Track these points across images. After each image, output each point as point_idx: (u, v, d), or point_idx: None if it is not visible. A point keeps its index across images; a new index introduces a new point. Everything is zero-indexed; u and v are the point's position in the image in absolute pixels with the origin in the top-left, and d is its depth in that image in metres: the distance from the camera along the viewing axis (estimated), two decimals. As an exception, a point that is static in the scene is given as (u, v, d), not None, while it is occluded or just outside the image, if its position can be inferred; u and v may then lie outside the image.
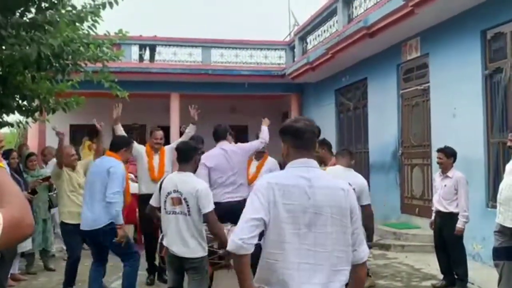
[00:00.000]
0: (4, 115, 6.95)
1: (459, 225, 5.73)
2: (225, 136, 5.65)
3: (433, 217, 6.16)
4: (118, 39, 7.19)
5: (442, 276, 6.13)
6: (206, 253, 4.05)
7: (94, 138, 7.33)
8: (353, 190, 2.44)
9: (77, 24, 6.12)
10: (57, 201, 6.14)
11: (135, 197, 6.68)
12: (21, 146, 8.64)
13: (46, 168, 7.64)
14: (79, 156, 6.72)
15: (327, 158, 5.95)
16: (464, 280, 5.89)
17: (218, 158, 5.40)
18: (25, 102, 6.77)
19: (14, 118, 8.01)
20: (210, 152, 5.58)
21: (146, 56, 14.04)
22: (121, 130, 6.15)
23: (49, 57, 5.65)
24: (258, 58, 14.57)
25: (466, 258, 6.00)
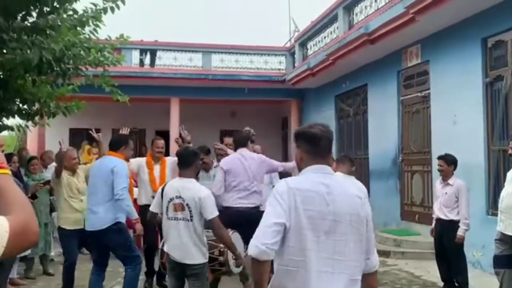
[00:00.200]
0: (4, 119, 6.94)
1: (460, 233, 5.72)
2: (245, 143, 5.63)
3: (433, 224, 6.15)
4: (119, 44, 7.21)
5: (442, 283, 6.11)
6: (207, 259, 4.04)
7: (93, 142, 7.32)
8: None
9: (78, 28, 6.14)
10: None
11: (136, 205, 6.63)
12: (20, 150, 8.62)
13: (46, 172, 7.62)
14: (79, 160, 6.70)
15: (327, 164, 5.92)
16: (464, 287, 5.88)
17: (234, 162, 5.42)
18: (25, 106, 6.77)
19: (14, 121, 8.00)
20: (229, 156, 5.62)
21: (147, 60, 14.07)
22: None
23: (50, 61, 5.63)
24: (258, 63, 14.60)
25: (467, 266, 5.99)
